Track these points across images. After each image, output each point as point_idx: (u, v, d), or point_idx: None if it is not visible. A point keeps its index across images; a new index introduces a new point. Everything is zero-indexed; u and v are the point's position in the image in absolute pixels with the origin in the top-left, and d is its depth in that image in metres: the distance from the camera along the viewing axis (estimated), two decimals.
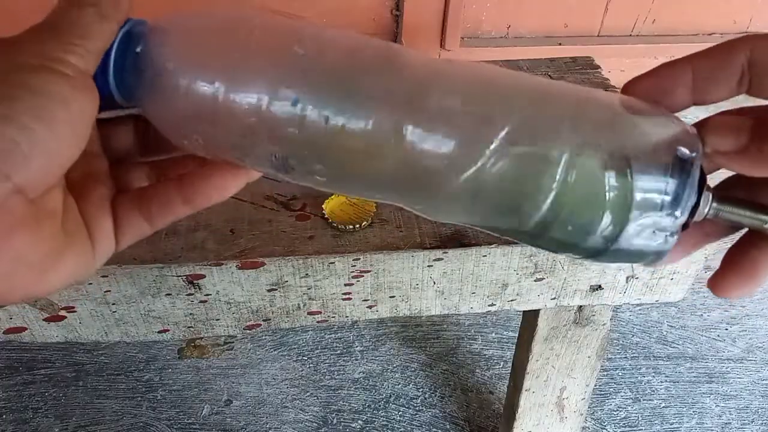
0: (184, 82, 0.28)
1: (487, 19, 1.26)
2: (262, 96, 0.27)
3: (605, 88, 0.79)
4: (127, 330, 0.58)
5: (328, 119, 0.27)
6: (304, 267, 0.55)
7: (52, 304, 0.55)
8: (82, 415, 1.01)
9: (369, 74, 0.28)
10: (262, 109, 0.28)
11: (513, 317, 1.19)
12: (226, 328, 0.59)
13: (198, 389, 1.06)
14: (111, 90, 0.28)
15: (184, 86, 0.28)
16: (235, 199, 0.60)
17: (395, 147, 0.28)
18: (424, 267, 0.56)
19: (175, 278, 0.54)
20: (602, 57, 0.88)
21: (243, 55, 0.28)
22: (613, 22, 1.31)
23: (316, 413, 1.03)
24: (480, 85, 0.29)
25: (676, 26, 1.34)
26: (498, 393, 1.07)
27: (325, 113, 0.27)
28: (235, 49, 0.28)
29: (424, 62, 0.29)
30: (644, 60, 1.36)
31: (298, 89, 0.27)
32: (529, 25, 1.28)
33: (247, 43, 0.28)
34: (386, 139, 0.28)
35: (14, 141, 0.22)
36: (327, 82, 0.28)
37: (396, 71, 0.29)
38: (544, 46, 1.28)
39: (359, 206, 0.59)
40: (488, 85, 0.29)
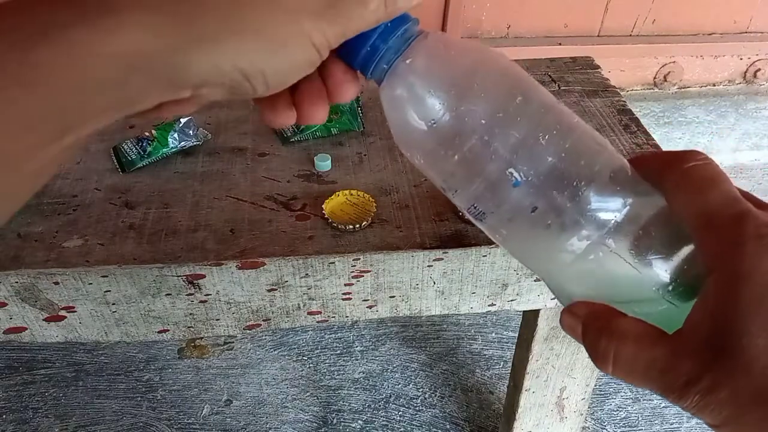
0: (440, 119, 0.32)
1: (487, 19, 1.26)
2: (492, 160, 0.32)
3: (605, 88, 0.79)
4: (127, 330, 0.58)
5: (536, 209, 0.32)
6: (304, 267, 0.55)
7: (52, 304, 0.55)
8: (82, 415, 1.01)
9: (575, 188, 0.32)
10: (486, 171, 0.32)
11: (513, 317, 1.19)
12: (226, 328, 0.59)
13: (198, 389, 1.06)
14: (369, 61, 0.32)
15: (438, 120, 0.32)
16: (235, 199, 0.60)
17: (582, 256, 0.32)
18: (424, 267, 0.56)
19: (175, 278, 0.54)
20: (602, 57, 0.88)
21: (499, 120, 0.31)
22: (613, 22, 1.31)
23: (316, 413, 1.03)
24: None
25: (676, 26, 1.34)
26: (498, 393, 1.07)
27: (536, 205, 0.32)
28: (494, 108, 0.32)
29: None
30: (644, 60, 1.36)
31: (524, 173, 0.31)
32: (529, 25, 1.28)
33: (508, 106, 0.32)
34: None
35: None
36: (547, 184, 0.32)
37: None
38: (544, 46, 1.28)
39: (359, 206, 0.59)
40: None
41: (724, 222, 0.27)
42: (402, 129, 0.34)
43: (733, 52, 1.39)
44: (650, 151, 0.35)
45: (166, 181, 0.62)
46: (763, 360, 0.24)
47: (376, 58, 0.32)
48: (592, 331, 0.30)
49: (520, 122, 0.31)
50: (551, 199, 0.32)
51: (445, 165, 0.33)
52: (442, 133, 0.32)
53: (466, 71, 0.32)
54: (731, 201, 0.27)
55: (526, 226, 0.33)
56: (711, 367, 0.25)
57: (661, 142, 0.68)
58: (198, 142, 0.66)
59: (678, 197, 0.30)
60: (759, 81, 1.45)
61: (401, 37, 0.32)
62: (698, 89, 1.44)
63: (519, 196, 0.32)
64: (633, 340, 0.28)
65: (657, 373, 0.27)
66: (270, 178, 0.63)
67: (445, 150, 0.32)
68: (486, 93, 0.32)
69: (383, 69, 0.32)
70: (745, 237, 0.26)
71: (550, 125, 0.32)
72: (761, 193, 1.59)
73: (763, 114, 1.48)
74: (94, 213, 0.58)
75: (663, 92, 1.42)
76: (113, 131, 0.69)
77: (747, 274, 0.25)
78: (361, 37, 0.30)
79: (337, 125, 0.69)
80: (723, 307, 0.25)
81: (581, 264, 0.32)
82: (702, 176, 0.29)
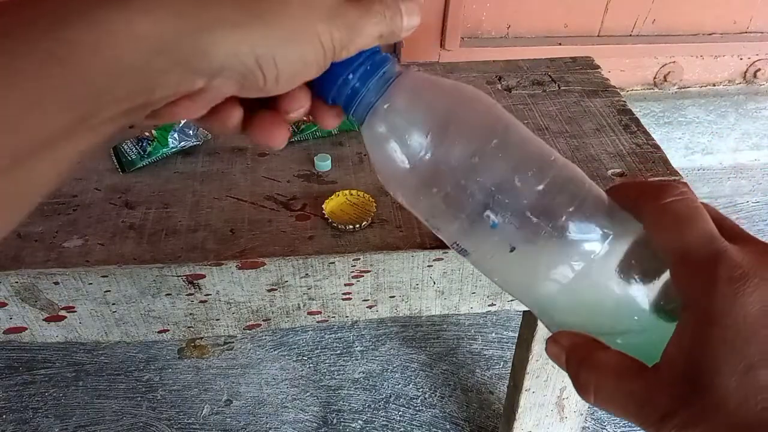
0: (417, 162, 0.33)
1: (487, 19, 1.26)
2: (469, 203, 0.33)
3: (605, 88, 0.79)
4: (127, 330, 0.58)
5: (514, 249, 0.33)
6: (304, 267, 0.55)
7: (52, 304, 0.55)
8: (82, 415, 1.01)
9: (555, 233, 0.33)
10: (464, 213, 0.33)
11: (513, 317, 1.19)
12: (226, 328, 0.59)
13: (198, 389, 1.06)
14: (347, 99, 0.33)
15: (416, 163, 0.33)
16: (235, 199, 0.60)
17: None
18: (424, 267, 0.56)
19: (175, 278, 0.54)
20: (602, 57, 0.88)
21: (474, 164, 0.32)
22: (613, 22, 1.31)
23: (316, 413, 1.03)
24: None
25: (676, 26, 1.34)
26: (498, 393, 1.07)
27: (514, 245, 0.32)
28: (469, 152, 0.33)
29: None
30: (644, 60, 1.36)
31: (501, 215, 0.32)
32: (529, 25, 1.28)
33: (484, 150, 0.33)
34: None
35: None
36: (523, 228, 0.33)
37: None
38: (544, 46, 1.28)
39: (359, 206, 0.59)
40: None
41: (698, 261, 0.28)
42: (382, 168, 0.35)
43: (733, 52, 1.39)
44: (628, 181, 0.36)
45: (166, 181, 0.62)
46: (735, 399, 0.24)
47: (357, 100, 0.33)
48: (575, 362, 0.31)
49: (496, 165, 0.32)
50: (530, 238, 0.32)
51: (425, 205, 0.34)
52: (420, 175, 0.33)
53: (441, 115, 0.33)
54: (707, 240, 0.28)
55: (508, 263, 0.34)
56: (686, 403, 0.26)
57: (661, 142, 0.68)
58: (198, 142, 0.66)
59: (656, 232, 0.30)
60: (759, 81, 1.45)
61: (380, 79, 0.32)
62: (698, 89, 1.44)
63: (497, 237, 0.33)
64: (612, 373, 0.29)
65: (635, 406, 0.27)
66: (270, 178, 0.63)
67: (425, 191, 0.33)
68: (461, 137, 0.33)
69: (364, 110, 0.33)
70: (717, 278, 0.26)
71: (526, 166, 0.33)
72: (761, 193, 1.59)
73: (763, 114, 1.48)
74: (94, 213, 0.58)
75: (663, 92, 1.42)
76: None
77: (719, 316, 0.26)
78: (340, 78, 0.32)
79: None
80: (696, 345, 0.26)
81: (565, 294, 0.33)
82: (679, 212, 0.29)
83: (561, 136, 0.69)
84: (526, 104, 0.74)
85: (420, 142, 0.32)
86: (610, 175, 0.63)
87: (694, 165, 1.54)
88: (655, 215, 0.30)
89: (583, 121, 0.72)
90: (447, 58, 1.23)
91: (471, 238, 0.34)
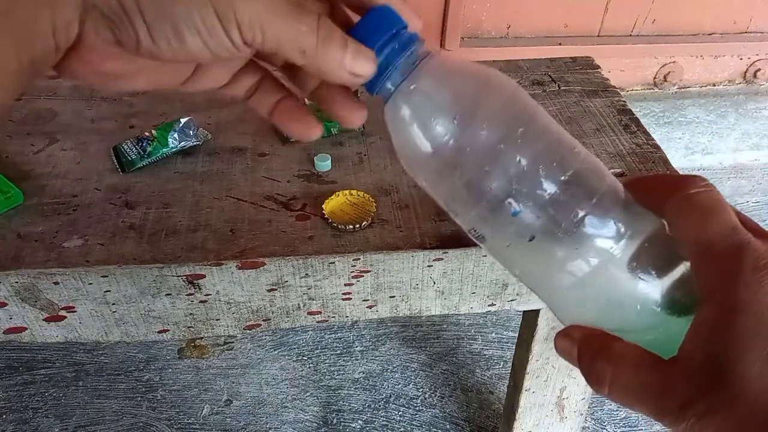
0: (441, 145, 0.32)
1: (487, 19, 1.26)
2: (492, 189, 0.32)
3: (605, 88, 0.79)
4: (127, 330, 0.58)
5: (533, 239, 0.32)
6: (304, 267, 0.55)
7: (52, 304, 0.55)
8: (82, 415, 1.01)
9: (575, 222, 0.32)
10: (486, 198, 0.32)
11: (513, 317, 1.19)
12: (226, 328, 0.59)
13: (198, 389, 1.06)
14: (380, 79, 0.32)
15: (440, 146, 0.32)
16: (235, 199, 0.60)
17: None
18: (424, 267, 0.56)
19: (175, 278, 0.54)
20: (602, 57, 0.88)
21: (500, 151, 0.32)
22: (613, 22, 1.31)
23: (316, 413, 1.03)
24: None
25: (676, 26, 1.34)
26: (498, 393, 1.07)
27: (533, 234, 0.32)
28: (495, 139, 0.32)
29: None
30: (644, 60, 1.36)
31: (523, 203, 0.32)
32: (529, 25, 1.28)
33: (510, 137, 0.32)
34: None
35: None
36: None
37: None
38: (544, 46, 1.28)
39: (359, 206, 0.59)
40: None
41: (722, 252, 0.27)
42: (404, 150, 0.34)
43: (733, 52, 1.39)
44: (649, 174, 0.36)
45: (166, 181, 0.62)
46: (758, 385, 0.24)
47: (383, 77, 0.32)
48: (588, 353, 0.30)
49: (521, 153, 0.32)
50: (550, 228, 0.32)
51: (446, 189, 0.34)
52: (444, 159, 0.32)
53: (469, 100, 0.33)
54: (731, 231, 0.28)
55: (525, 252, 0.34)
56: (707, 392, 0.26)
57: (661, 142, 0.68)
58: (198, 142, 0.66)
59: (678, 223, 0.30)
60: (759, 81, 1.45)
61: (408, 58, 0.32)
62: (698, 89, 1.44)
63: (517, 225, 0.32)
64: (629, 363, 0.29)
65: (652, 396, 0.27)
66: (270, 178, 0.63)
67: (446, 175, 0.33)
68: (488, 123, 0.32)
69: (389, 89, 0.33)
70: (742, 268, 0.26)
71: (550, 156, 0.33)
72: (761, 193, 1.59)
73: (763, 114, 1.48)
74: (94, 213, 0.58)
75: (663, 92, 1.42)
76: (113, 131, 0.69)
77: (743, 305, 0.26)
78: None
79: (337, 125, 0.69)
80: (718, 335, 0.26)
81: (580, 288, 0.33)
82: (703, 204, 0.29)
83: None
84: None
85: (445, 126, 0.32)
86: None
87: (694, 165, 1.54)
88: (679, 206, 0.30)
89: (583, 121, 0.72)
90: None
91: (490, 224, 0.34)
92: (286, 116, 0.33)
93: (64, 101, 0.73)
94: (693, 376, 0.26)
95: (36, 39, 0.25)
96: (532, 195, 0.32)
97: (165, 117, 0.71)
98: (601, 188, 0.33)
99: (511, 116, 0.33)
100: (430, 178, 0.34)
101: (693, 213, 0.29)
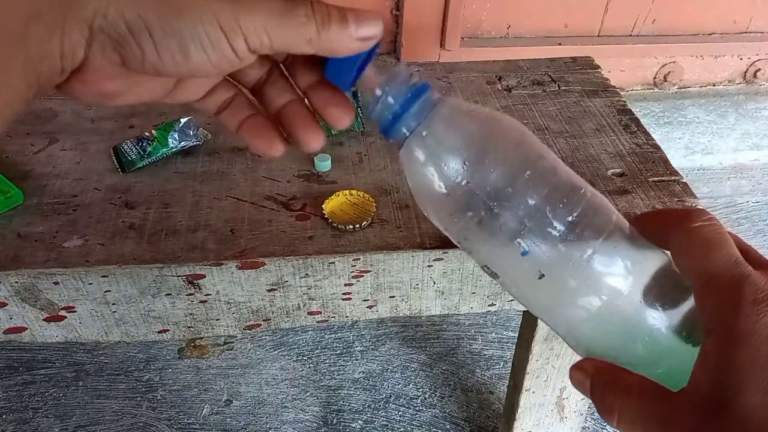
0: (452, 189, 0.34)
1: (487, 19, 1.26)
2: (501, 230, 0.34)
3: (605, 88, 0.79)
4: (127, 330, 0.58)
5: (543, 276, 0.33)
6: (304, 267, 0.55)
7: (52, 304, 0.55)
8: (82, 415, 1.01)
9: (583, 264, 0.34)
10: (495, 239, 0.34)
11: (513, 317, 1.19)
12: (226, 328, 0.59)
13: (198, 389, 1.06)
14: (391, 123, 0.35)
15: (451, 190, 0.34)
16: (235, 199, 0.60)
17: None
18: (424, 267, 0.56)
19: (175, 278, 0.54)
20: (602, 57, 0.88)
21: (508, 194, 0.34)
22: (613, 22, 1.31)
23: (316, 413, 1.03)
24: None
25: (676, 26, 1.34)
26: (498, 393, 1.07)
27: (543, 273, 0.33)
28: (503, 183, 0.34)
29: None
30: (644, 60, 1.36)
31: (532, 244, 0.33)
32: (529, 25, 1.28)
33: (517, 181, 0.34)
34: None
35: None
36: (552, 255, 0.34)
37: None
38: (544, 46, 1.28)
39: (359, 206, 0.59)
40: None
41: (723, 284, 0.28)
42: (418, 191, 0.36)
43: (733, 52, 1.39)
44: (651, 210, 0.38)
45: (166, 181, 0.62)
46: (759, 416, 0.25)
47: (397, 125, 0.34)
48: (599, 386, 0.32)
49: (529, 195, 0.34)
50: (558, 267, 0.33)
51: (458, 228, 0.36)
52: (455, 201, 0.34)
53: (479, 146, 0.35)
54: (732, 264, 0.29)
55: (536, 289, 0.35)
56: (711, 423, 0.26)
57: (661, 142, 0.68)
58: (198, 142, 0.66)
59: (681, 257, 0.31)
60: (759, 81, 1.45)
61: (420, 105, 0.34)
62: (698, 89, 1.44)
63: (527, 264, 0.34)
64: (637, 395, 0.29)
65: (658, 427, 0.28)
66: (270, 178, 0.63)
67: (458, 215, 0.35)
68: (497, 167, 0.34)
69: (403, 135, 0.35)
70: (742, 300, 0.27)
71: (558, 197, 0.34)
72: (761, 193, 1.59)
73: (763, 114, 1.48)
74: (94, 213, 0.58)
75: (663, 92, 1.42)
76: (113, 131, 0.69)
77: (742, 336, 0.26)
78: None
79: None
80: (722, 367, 0.27)
81: (591, 323, 0.34)
82: (705, 237, 0.30)
83: (561, 136, 0.69)
84: (526, 104, 0.75)
85: (456, 169, 0.34)
86: (610, 175, 0.63)
87: (694, 165, 1.54)
88: (682, 240, 0.31)
89: (583, 121, 0.72)
90: (447, 58, 1.23)
91: (501, 262, 0.36)
92: (253, 132, 0.35)
93: (64, 101, 0.74)
94: (699, 406, 0.27)
95: (44, 61, 0.26)
96: (540, 235, 0.33)
97: (165, 117, 0.71)
98: (608, 227, 0.34)
99: (518, 159, 0.35)
100: (442, 218, 0.36)
101: (695, 246, 0.30)
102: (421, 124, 0.34)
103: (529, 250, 0.33)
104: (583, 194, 0.35)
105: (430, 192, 0.35)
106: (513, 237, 0.33)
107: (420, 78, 0.34)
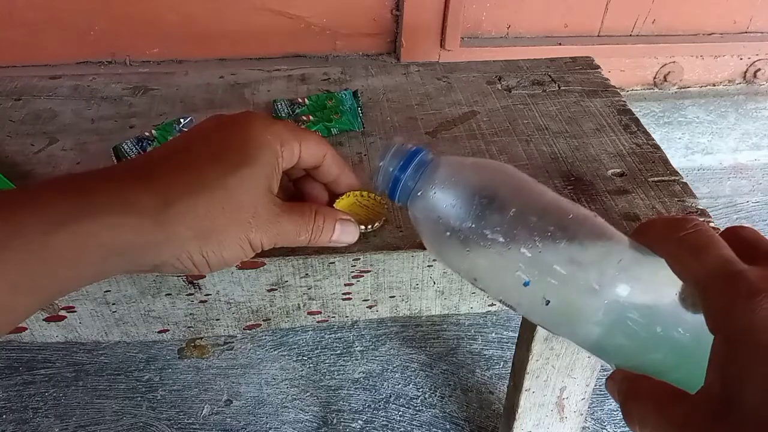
0: (453, 238, 0.38)
1: (487, 19, 1.26)
2: (503, 267, 0.37)
3: (605, 88, 0.79)
4: (127, 330, 0.58)
5: (549, 303, 0.36)
6: (304, 267, 0.55)
7: (52, 304, 0.55)
8: (82, 415, 1.01)
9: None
10: (500, 276, 0.38)
11: (513, 317, 1.19)
12: (226, 328, 0.59)
13: (198, 389, 1.06)
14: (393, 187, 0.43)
15: (452, 239, 0.39)
16: None
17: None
18: (424, 267, 0.56)
19: (175, 278, 0.54)
20: (602, 57, 0.88)
21: (506, 240, 0.37)
22: (613, 22, 1.31)
23: (316, 413, 1.03)
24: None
25: (676, 26, 1.34)
26: (498, 393, 1.07)
27: (548, 299, 0.36)
28: (503, 227, 0.37)
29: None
30: (644, 60, 1.36)
31: (531, 277, 0.36)
32: (529, 25, 1.28)
33: (515, 225, 0.37)
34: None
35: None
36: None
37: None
38: (544, 46, 1.28)
39: (370, 208, 0.58)
40: None
41: (717, 285, 0.29)
42: (427, 241, 0.42)
43: (733, 52, 1.39)
44: (644, 222, 0.39)
45: None
46: (761, 415, 0.25)
47: (398, 188, 0.42)
48: (622, 395, 0.33)
49: (522, 231, 0.36)
50: (562, 292, 0.35)
51: (466, 268, 0.40)
52: (458, 248, 0.38)
53: (470, 192, 0.39)
54: (722, 264, 0.29)
55: (548, 315, 0.37)
56: (720, 422, 0.27)
57: (661, 142, 0.68)
58: None
59: (675, 266, 0.32)
60: (759, 81, 1.45)
61: (416, 168, 0.41)
62: (698, 89, 1.44)
63: (531, 294, 0.36)
64: (652, 400, 0.30)
65: (674, 429, 0.29)
66: None
67: (462, 261, 0.39)
68: (486, 210, 0.37)
69: (405, 197, 0.42)
70: (736, 297, 0.27)
71: (549, 227, 0.36)
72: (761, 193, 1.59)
73: (763, 114, 1.48)
74: None
75: (663, 92, 1.42)
76: (113, 131, 0.69)
77: (741, 333, 0.27)
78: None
79: (337, 125, 0.68)
80: (727, 366, 0.27)
81: (607, 337, 0.35)
82: (694, 244, 0.31)
83: (561, 136, 0.69)
84: (526, 104, 0.75)
85: (454, 217, 0.38)
86: (610, 175, 0.63)
87: (694, 165, 1.54)
88: (671, 250, 0.32)
89: (583, 121, 0.72)
90: (447, 58, 1.23)
91: (511, 295, 0.38)
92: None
93: (64, 101, 0.74)
94: (710, 406, 0.27)
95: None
96: (538, 265, 0.36)
97: (165, 117, 0.71)
98: (605, 247, 0.36)
99: (515, 206, 0.37)
100: (451, 264, 0.41)
101: (685, 254, 0.31)
102: (418, 183, 0.40)
103: (530, 281, 0.35)
104: (572, 219, 0.36)
105: (435, 239, 0.40)
106: (513, 269, 0.36)
107: (411, 145, 0.41)
